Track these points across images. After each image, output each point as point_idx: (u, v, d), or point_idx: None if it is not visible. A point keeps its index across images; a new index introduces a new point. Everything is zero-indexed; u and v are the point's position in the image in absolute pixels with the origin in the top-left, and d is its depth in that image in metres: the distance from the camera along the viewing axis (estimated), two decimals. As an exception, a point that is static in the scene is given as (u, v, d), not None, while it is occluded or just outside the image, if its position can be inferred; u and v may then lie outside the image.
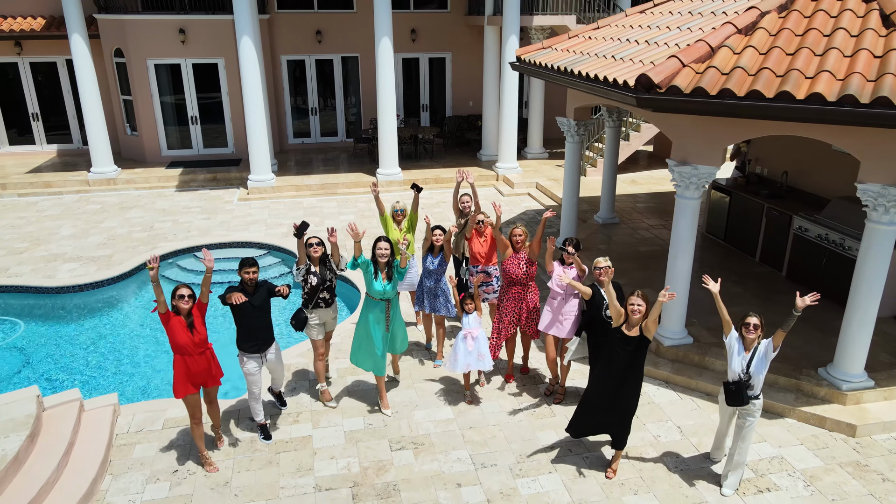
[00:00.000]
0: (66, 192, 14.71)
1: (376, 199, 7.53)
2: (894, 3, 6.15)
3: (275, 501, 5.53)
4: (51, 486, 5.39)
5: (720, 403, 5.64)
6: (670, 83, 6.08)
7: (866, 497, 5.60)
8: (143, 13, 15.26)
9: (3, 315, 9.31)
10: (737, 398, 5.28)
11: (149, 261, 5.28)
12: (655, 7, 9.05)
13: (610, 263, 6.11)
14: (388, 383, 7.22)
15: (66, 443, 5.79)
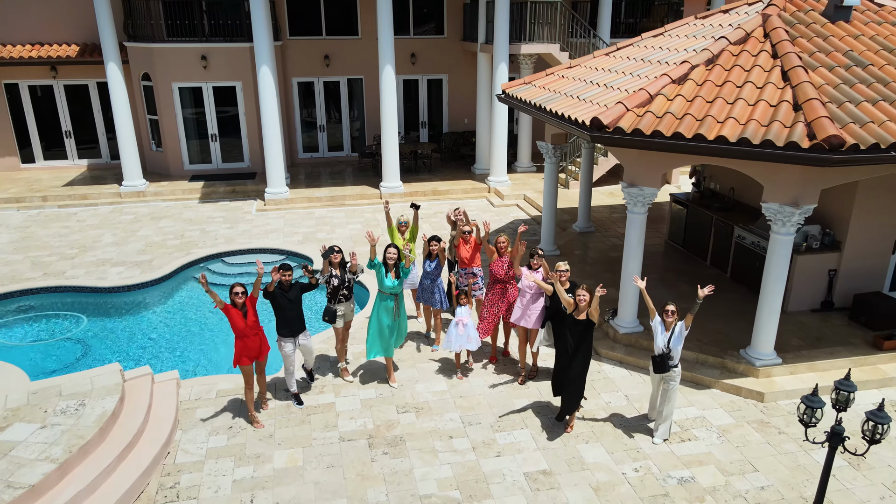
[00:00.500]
0: (100, 203, 16.46)
1: (387, 215, 9.29)
2: (793, 60, 7.93)
3: (309, 448, 7.27)
4: (139, 435, 7.12)
5: (651, 373, 7.39)
6: (616, 125, 7.85)
7: (763, 445, 7.35)
8: (168, 41, 17.04)
9: (68, 311, 11.05)
10: (661, 367, 7.03)
11: (199, 279, 6.99)
12: (618, 51, 10.83)
13: (568, 267, 7.85)
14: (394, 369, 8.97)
15: (146, 405, 7.52)
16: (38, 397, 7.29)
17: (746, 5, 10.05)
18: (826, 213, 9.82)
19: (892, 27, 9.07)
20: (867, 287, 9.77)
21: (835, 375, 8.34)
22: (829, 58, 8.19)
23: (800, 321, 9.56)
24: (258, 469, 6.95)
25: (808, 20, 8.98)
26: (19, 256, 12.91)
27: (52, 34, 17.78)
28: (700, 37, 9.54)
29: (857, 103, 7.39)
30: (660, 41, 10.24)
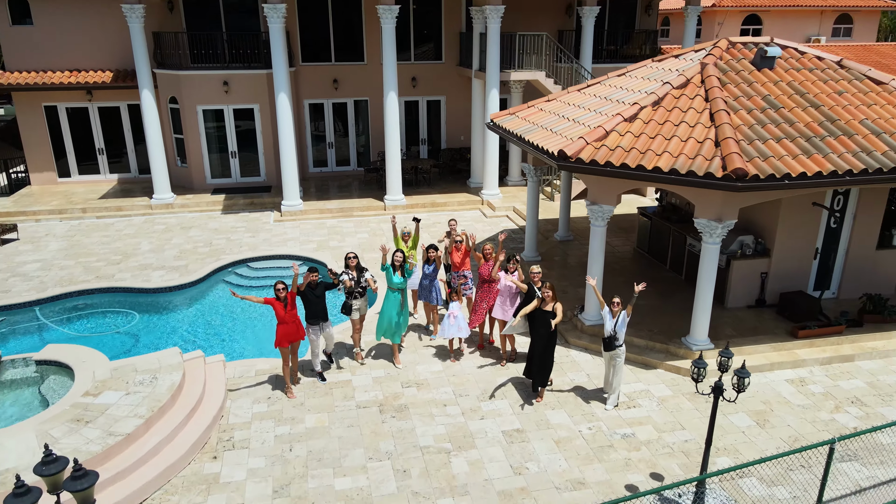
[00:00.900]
0: (133, 214, 18.50)
1: (393, 227, 11.32)
2: (719, 104, 9.97)
3: (332, 413, 9.28)
4: (199, 402, 9.13)
5: (603, 353, 9.40)
6: (577, 156, 9.89)
7: (692, 411, 9.35)
8: (193, 69, 19.11)
9: (120, 308, 13.07)
10: (609, 346, 9.05)
11: (232, 292, 9.01)
12: (588, 88, 12.88)
13: (540, 269, 9.86)
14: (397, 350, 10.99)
15: (202, 380, 9.53)
16: (118, 372, 9.30)
17: (693, 52, 12.11)
18: (758, 225, 11.86)
19: (808, 73, 11.12)
20: (792, 287, 11.80)
21: (756, 358, 10.37)
22: (750, 101, 10.24)
23: (736, 315, 11.59)
24: (294, 428, 8.96)
25: (739, 68, 11.04)
26: (71, 262, 14.94)
27: (89, 62, 19.86)
28: (653, 79, 11.60)
29: (764, 141, 9.43)
30: (621, 81, 12.30)
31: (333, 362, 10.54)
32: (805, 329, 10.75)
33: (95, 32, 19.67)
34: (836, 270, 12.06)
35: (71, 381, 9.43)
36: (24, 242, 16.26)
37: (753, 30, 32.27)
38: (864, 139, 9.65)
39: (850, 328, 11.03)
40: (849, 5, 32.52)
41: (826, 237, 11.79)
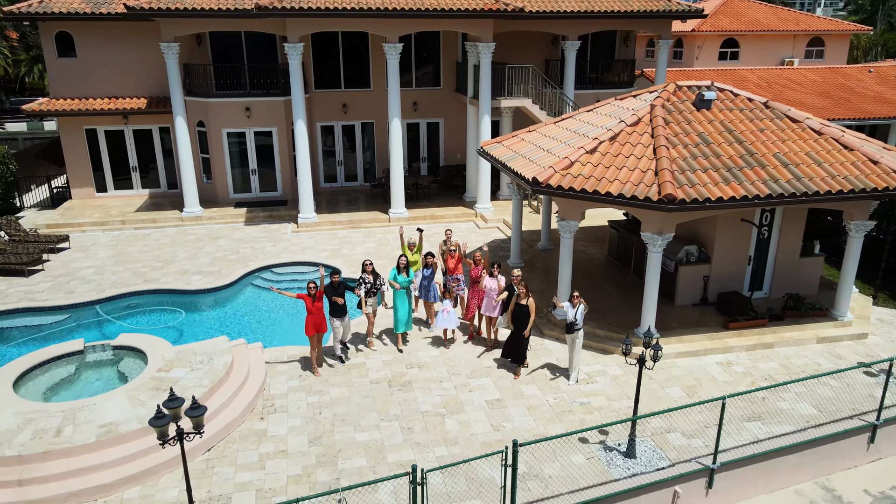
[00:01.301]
0: (167, 226, 21.05)
1: (401, 237, 13.88)
2: (661, 140, 12.53)
3: (351, 387, 11.79)
4: (246, 378, 11.64)
5: (566, 336, 11.92)
6: (547, 182, 12.43)
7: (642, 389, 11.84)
8: (219, 96, 21.70)
9: (167, 306, 15.60)
10: (569, 330, 11.58)
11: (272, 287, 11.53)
12: (562, 121, 15.45)
13: (520, 272, 12.39)
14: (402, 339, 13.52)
15: (247, 361, 12.04)
16: (181, 354, 11.82)
17: (648, 93, 14.69)
18: (701, 236, 14.42)
19: (738, 113, 13.68)
20: (729, 288, 14.33)
21: (694, 345, 12.90)
22: (687, 137, 12.80)
23: (682, 311, 14.12)
24: (321, 397, 11.48)
25: (682, 108, 13.61)
26: (120, 268, 17.48)
27: (125, 90, 22.46)
28: (613, 116, 14.17)
29: (693, 171, 11.99)
30: (589, 116, 14.87)
31: (349, 349, 13.06)
32: (735, 322, 13.28)
33: (131, 64, 22.26)
34: (767, 274, 14.60)
35: (142, 362, 11.95)
36: (75, 251, 18.80)
37: (731, 52, 34.85)
38: (774, 169, 12.20)
39: (773, 321, 13.56)
40: (820, 30, 35.12)
41: (757, 247, 14.34)
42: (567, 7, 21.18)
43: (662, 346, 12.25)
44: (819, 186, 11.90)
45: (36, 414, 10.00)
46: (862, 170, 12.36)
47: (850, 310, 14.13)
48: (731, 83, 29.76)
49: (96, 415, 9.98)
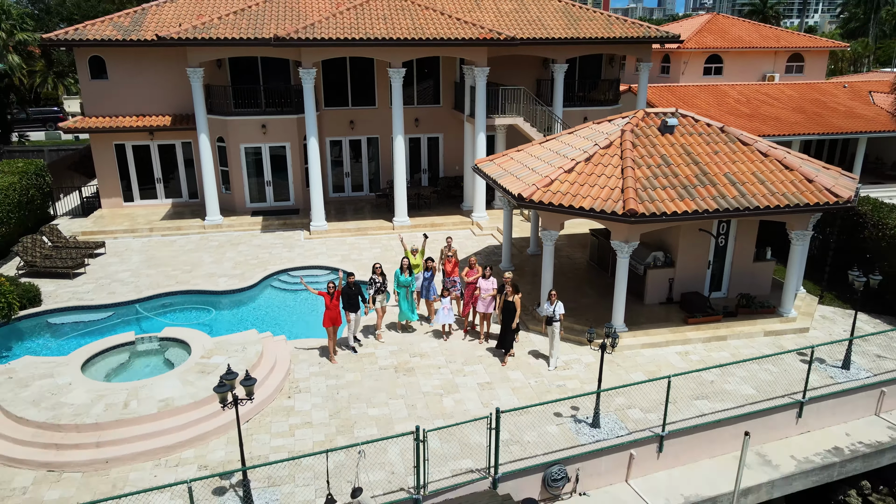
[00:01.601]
0: (191, 233, 23.26)
1: (402, 242, 16.10)
2: (628, 161, 14.73)
3: (363, 372, 13.98)
4: (275, 364, 13.82)
5: (546, 328, 14.10)
6: (530, 197, 14.63)
7: (609, 374, 14.03)
8: (237, 114, 23.93)
9: (198, 305, 17.79)
10: (548, 322, 13.78)
11: (300, 280, 13.74)
12: (546, 142, 17.66)
13: (511, 274, 14.58)
14: (405, 329, 15.70)
15: (274, 351, 14.23)
16: (219, 345, 14.01)
17: (621, 118, 16.90)
18: (666, 244, 16.62)
19: (697, 137, 15.88)
20: (691, 288, 16.52)
21: (657, 337, 15.08)
22: (651, 159, 15.00)
23: (650, 309, 16.31)
24: (338, 381, 13.67)
25: (648, 133, 15.81)
26: (153, 271, 19.68)
27: (151, 108, 24.71)
28: (589, 139, 16.37)
29: (654, 188, 14.19)
30: (569, 138, 17.09)
31: (360, 340, 15.26)
32: (693, 318, 15.48)
33: (156, 85, 24.51)
34: (724, 277, 16.80)
35: (185, 351, 14.14)
36: (110, 256, 21.01)
37: (715, 68, 37.06)
38: (724, 187, 14.40)
39: (727, 317, 15.75)
40: (799, 46, 37.35)
41: (716, 253, 16.54)
42: (554, 34, 23.44)
43: (631, 339, 14.61)
44: (760, 202, 14.11)
45: (104, 391, 12.19)
46: (798, 187, 14.56)
47: (795, 308, 16.34)
48: (713, 98, 32.07)
49: (154, 392, 12.17)
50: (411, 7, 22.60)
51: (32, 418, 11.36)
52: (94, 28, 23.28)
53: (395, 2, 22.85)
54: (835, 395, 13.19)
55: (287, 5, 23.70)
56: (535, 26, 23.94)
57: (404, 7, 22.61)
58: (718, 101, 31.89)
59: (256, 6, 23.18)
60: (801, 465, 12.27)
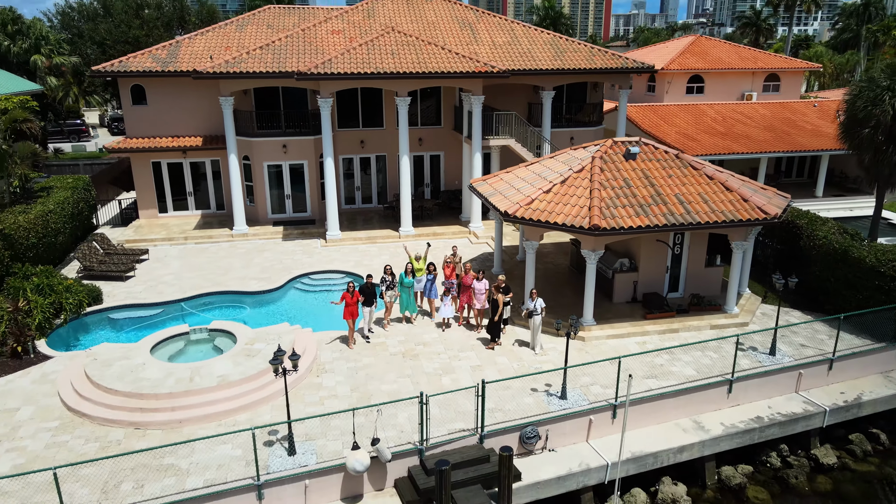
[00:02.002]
0: (220, 241, 26.58)
1: (406, 250, 19.40)
2: (595, 184, 17.99)
3: (376, 357, 17.26)
4: (306, 353, 17.10)
5: (528, 321, 17.35)
6: (514, 214, 17.91)
7: (579, 359, 17.27)
8: (260, 136, 27.26)
9: (233, 303, 21.08)
10: (530, 315, 17.05)
11: (333, 302, 17.01)
12: (531, 165, 20.94)
13: (504, 276, 17.85)
14: (408, 322, 18.98)
15: (303, 340, 17.50)
16: (259, 335, 17.28)
17: (593, 146, 20.16)
18: (631, 252, 19.87)
19: (655, 163, 19.13)
20: (652, 289, 19.76)
21: (620, 330, 18.32)
22: (615, 182, 18.26)
23: (617, 307, 19.56)
24: (356, 363, 16.94)
25: (614, 159, 19.08)
26: (192, 274, 22.99)
27: (185, 130, 28.09)
28: (566, 163, 19.64)
29: (616, 207, 17.45)
30: (550, 163, 20.36)
31: (373, 331, 18.54)
32: (651, 314, 18.72)
33: (189, 110, 27.89)
34: (681, 280, 20.05)
35: (230, 340, 17.41)
36: (153, 261, 24.34)
37: (697, 87, 40.31)
38: (673, 206, 17.66)
39: (681, 314, 18.99)
40: (776, 67, 40.58)
41: (672, 260, 19.80)
42: (543, 65, 26.77)
43: (599, 331, 17.85)
44: (702, 218, 17.37)
45: (172, 369, 15.49)
46: (736, 206, 17.83)
47: (740, 306, 19.58)
48: (691, 117, 35.39)
49: (212, 370, 15.46)
50: (416, 42, 25.95)
51: (120, 389, 14.65)
52: (135, 60, 26.68)
53: (401, 37, 26.22)
54: (759, 376, 16.42)
55: (306, 40, 27.07)
56: (525, 58, 27.27)
57: (409, 42, 25.96)
58: (696, 120, 35.20)
59: (280, 41, 26.55)
60: (727, 430, 15.49)
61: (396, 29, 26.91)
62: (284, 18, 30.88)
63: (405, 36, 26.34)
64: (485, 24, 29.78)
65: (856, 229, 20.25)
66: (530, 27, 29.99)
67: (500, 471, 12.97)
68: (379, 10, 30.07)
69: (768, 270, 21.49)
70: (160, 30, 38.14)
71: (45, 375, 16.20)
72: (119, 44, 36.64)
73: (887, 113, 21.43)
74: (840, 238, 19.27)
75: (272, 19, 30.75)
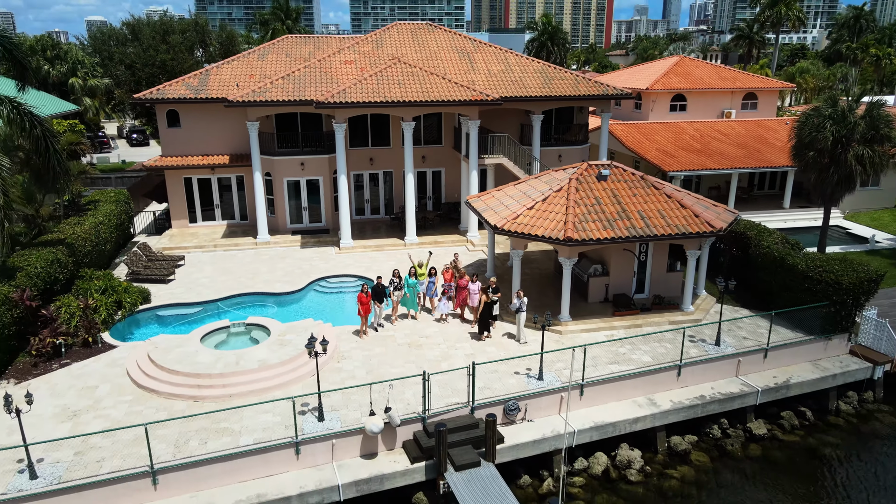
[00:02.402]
0: (245, 248, 30.25)
1: (409, 258, 23.05)
2: (571, 202, 21.61)
3: (386, 347, 20.90)
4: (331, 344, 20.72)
5: (514, 315, 20.96)
6: (502, 227, 21.55)
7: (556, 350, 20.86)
8: (281, 154, 30.94)
9: (262, 303, 24.72)
10: (517, 312, 20.66)
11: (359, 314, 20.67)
12: (519, 184, 24.57)
13: (494, 278, 21.48)
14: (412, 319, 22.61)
15: (327, 332, 21.11)
16: (289, 328, 20.92)
17: (572, 168, 23.79)
18: (603, 259, 23.49)
19: (623, 184, 22.73)
20: (621, 291, 23.36)
21: (591, 325, 21.92)
22: (587, 200, 21.88)
23: (591, 306, 23.17)
24: (370, 352, 20.58)
25: (588, 181, 22.70)
26: (224, 278, 26.66)
27: (213, 149, 31.81)
28: (548, 183, 23.26)
29: (587, 221, 21.07)
30: (535, 182, 23.99)
31: (383, 325, 22.18)
32: (619, 311, 22.33)
33: (217, 131, 31.61)
34: (646, 283, 23.65)
35: (264, 333, 21.04)
36: (189, 266, 28.03)
37: (680, 105, 43.91)
38: (635, 220, 21.27)
39: (644, 311, 22.58)
40: (753, 87, 44.19)
41: (639, 266, 23.40)
42: (532, 93, 30.45)
43: (574, 326, 21.39)
44: (659, 231, 20.98)
45: (220, 355, 19.13)
46: (688, 220, 21.43)
47: (695, 305, 23.17)
48: (672, 135, 39.04)
49: (253, 356, 19.10)
50: (419, 73, 29.64)
51: (181, 370, 18.30)
52: (171, 88, 30.44)
53: (407, 68, 29.91)
54: (704, 362, 20.00)
55: (322, 70, 30.78)
56: (517, 86, 30.96)
57: (414, 73, 29.65)
58: (676, 137, 38.85)
59: (299, 71, 30.27)
60: (675, 406, 19.07)
61: (402, 60, 30.62)
62: (301, 47, 34.65)
63: (410, 67, 30.03)
64: (482, 53, 33.48)
65: (796, 240, 23.83)
66: (522, 56, 33.69)
67: (486, 433, 16.60)
68: (386, 40, 33.80)
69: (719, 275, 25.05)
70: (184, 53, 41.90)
71: (114, 361, 19.86)
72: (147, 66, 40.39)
73: (827, 139, 25.07)
74: (780, 247, 22.87)
75: (290, 48, 34.51)
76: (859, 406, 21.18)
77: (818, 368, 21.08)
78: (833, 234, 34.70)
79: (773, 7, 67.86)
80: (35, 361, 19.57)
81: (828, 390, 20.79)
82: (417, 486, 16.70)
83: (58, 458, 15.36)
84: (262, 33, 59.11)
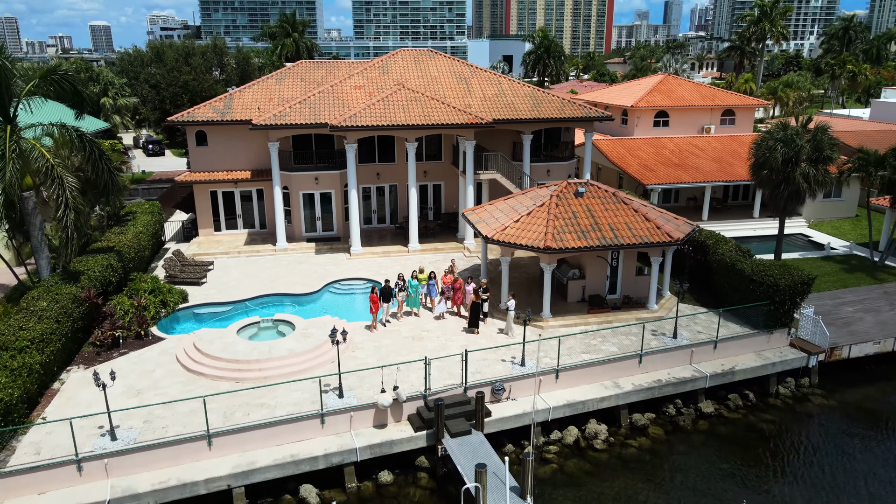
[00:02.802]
0: (266, 255, 34.23)
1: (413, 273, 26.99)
2: (552, 215, 25.57)
3: (393, 339, 24.85)
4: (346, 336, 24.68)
5: (505, 315, 24.90)
6: (492, 237, 25.50)
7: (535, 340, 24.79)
8: (297, 170, 34.93)
9: (285, 303, 28.67)
10: (507, 310, 24.58)
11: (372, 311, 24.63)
12: (509, 199, 28.52)
13: (486, 280, 25.42)
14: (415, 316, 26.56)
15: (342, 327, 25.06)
16: (311, 323, 24.86)
17: (554, 185, 27.74)
18: (581, 264, 27.43)
19: (597, 199, 26.67)
20: (596, 291, 27.28)
21: (569, 321, 25.86)
22: (565, 214, 25.81)
23: (569, 305, 27.10)
24: (380, 343, 24.53)
25: (567, 197, 26.64)
26: (250, 281, 30.63)
27: (236, 165, 35.83)
28: (533, 199, 27.20)
29: (564, 232, 25.00)
30: (521, 198, 27.93)
31: (390, 321, 26.14)
32: (593, 310, 26.27)
33: (240, 149, 35.63)
34: (618, 285, 27.58)
35: (290, 327, 24.98)
36: (217, 271, 32.00)
37: (663, 121, 47.79)
38: (605, 231, 25.19)
39: (615, 310, 26.50)
40: (731, 104, 48.10)
41: (612, 270, 27.33)
42: (523, 115, 34.45)
43: (554, 322, 25.34)
44: (625, 241, 24.91)
45: (255, 345, 23.09)
46: (651, 231, 25.35)
47: (659, 305, 27.09)
48: (653, 150, 42.98)
49: (283, 346, 23.06)
50: (421, 98, 33.65)
51: (223, 357, 22.26)
52: (199, 111, 34.49)
53: (410, 93, 33.92)
54: (663, 352, 23.91)
55: (335, 95, 34.80)
56: (509, 109, 34.96)
57: (416, 98, 33.66)
58: (657, 152, 42.82)
59: (314, 96, 34.29)
60: (636, 387, 22.97)
61: (405, 86, 34.64)
62: (314, 72, 38.70)
63: (413, 92, 34.04)
64: (477, 78, 37.49)
65: (748, 248, 27.76)
66: (514, 81, 37.71)
67: (476, 408, 20.54)
68: (392, 66, 37.82)
69: (688, 277, 29.01)
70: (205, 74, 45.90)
71: (164, 350, 23.83)
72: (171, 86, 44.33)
73: (778, 160, 29.03)
74: (733, 254, 26.79)
75: (304, 73, 38.56)
76: (796, 390, 25.09)
77: (760, 358, 24.98)
78: (797, 241, 38.67)
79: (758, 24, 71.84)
80: (98, 351, 23.54)
81: (769, 376, 24.69)
82: (420, 450, 20.62)
83: (130, 425, 19.31)
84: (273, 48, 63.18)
